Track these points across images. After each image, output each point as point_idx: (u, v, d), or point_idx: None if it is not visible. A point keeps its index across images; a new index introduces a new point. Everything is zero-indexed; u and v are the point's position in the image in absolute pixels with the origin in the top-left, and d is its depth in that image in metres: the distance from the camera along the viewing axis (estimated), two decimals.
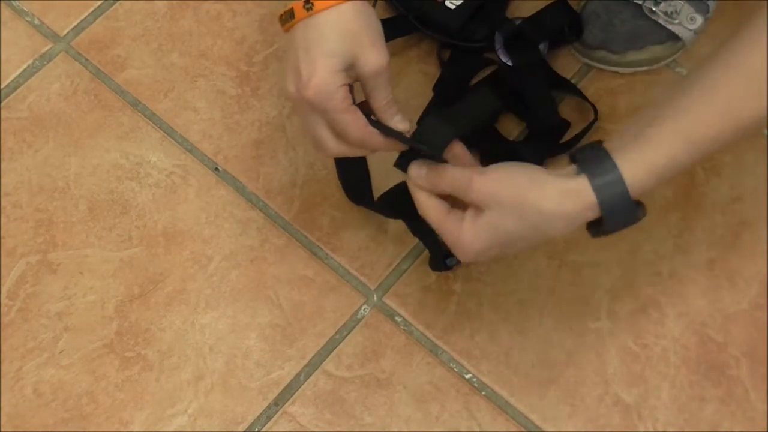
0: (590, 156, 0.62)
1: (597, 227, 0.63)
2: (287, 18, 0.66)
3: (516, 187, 0.62)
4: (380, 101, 0.68)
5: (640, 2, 0.88)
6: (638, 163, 0.61)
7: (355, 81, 0.68)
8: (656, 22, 0.88)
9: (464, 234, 0.64)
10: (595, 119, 0.87)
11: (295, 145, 0.89)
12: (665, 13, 0.88)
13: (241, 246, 0.85)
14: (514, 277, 0.83)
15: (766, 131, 0.87)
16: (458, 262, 0.81)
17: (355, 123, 0.66)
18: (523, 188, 0.62)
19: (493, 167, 0.65)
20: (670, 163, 0.60)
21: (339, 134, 0.67)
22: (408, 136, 0.68)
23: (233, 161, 0.89)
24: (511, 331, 0.82)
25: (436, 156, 0.66)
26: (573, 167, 0.63)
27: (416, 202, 0.67)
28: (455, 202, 0.66)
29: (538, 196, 0.61)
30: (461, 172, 0.64)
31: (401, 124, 0.69)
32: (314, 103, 0.65)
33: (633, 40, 0.88)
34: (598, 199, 0.60)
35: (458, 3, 0.88)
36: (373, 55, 0.65)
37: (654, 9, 0.87)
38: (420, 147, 0.67)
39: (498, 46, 0.89)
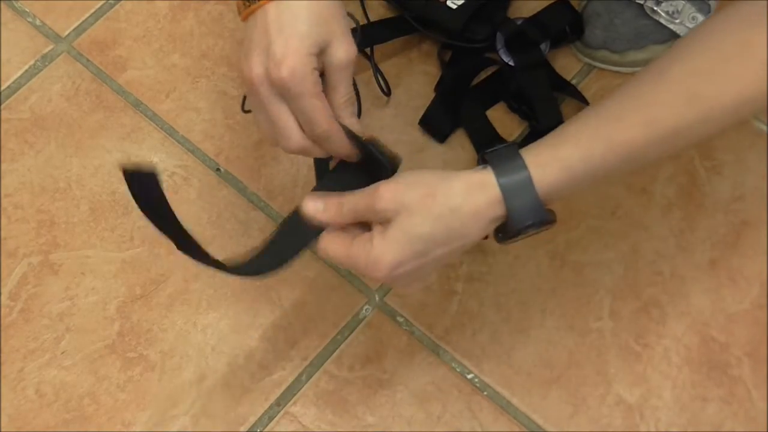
0: (499, 153, 0.61)
1: (504, 230, 0.61)
2: (250, 1, 0.63)
3: (423, 187, 0.60)
4: (342, 97, 0.65)
5: (641, 2, 0.88)
6: (548, 159, 0.59)
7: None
8: (658, 22, 0.88)
9: (374, 250, 0.60)
10: None
11: None
12: (667, 13, 0.87)
13: (242, 246, 0.85)
14: (516, 277, 0.83)
15: (766, 128, 0.87)
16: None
17: (325, 111, 0.63)
18: (430, 186, 0.60)
19: (397, 175, 0.62)
20: (585, 164, 0.59)
21: (304, 124, 0.64)
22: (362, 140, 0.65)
23: (235, 162, 0.89)
24: (513, 331, 0.82)
25: (393, 168, 0.65)
26: (483, 165, 0.62)
27: (318, 247, 0.63)
28: (358, 232, 0.63)
29: (445, 192, 0.60)
30: (364, 191, 0.62)
31: (357, 126, 0.66)
32: (287, 84, 0.61)
33: (634, 39, 0.88)
34: (502, 191, 0.59)
35: (459, 3, 0.87)
36: (344, 46, 0.63)
37: (655, 8, 0.87)
38: (377, 155, 0.65)
39: (499, 46, 0.89)
